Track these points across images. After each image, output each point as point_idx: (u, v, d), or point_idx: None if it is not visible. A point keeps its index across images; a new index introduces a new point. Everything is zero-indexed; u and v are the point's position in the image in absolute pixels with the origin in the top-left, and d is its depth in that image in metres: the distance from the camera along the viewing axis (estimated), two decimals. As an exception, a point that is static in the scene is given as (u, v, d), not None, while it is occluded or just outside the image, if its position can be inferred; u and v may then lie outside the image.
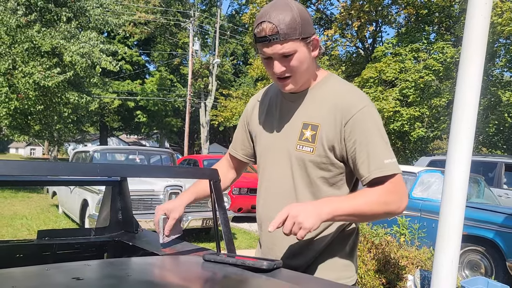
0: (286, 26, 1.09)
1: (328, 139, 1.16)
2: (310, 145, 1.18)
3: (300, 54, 1.13)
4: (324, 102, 1.19)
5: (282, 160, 1.24)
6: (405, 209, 1.15)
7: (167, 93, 30.25)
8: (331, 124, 1.16)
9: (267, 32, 1.10)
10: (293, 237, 1.08)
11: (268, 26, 1.09)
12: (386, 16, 15.91)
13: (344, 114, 1.14)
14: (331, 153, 1.17)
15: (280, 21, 1.09)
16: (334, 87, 1.21)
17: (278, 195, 1.24)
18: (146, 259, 1.16)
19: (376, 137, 1.13)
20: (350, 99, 1.17)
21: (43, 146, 42.80)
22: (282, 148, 1.24)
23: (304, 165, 1.19)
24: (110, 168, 1.07)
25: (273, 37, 1.09)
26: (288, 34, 1.09)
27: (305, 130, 1.20)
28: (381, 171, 1.11)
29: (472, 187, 5.48)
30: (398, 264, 3.66)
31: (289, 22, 1.09)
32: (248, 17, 16.74)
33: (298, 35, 1.11)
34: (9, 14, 9.14)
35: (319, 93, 1.22)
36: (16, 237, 5.53)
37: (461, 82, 2.08)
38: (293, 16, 1.10)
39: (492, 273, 4.33)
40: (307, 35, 1.13)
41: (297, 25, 1.10)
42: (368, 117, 1.14)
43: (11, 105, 9.66)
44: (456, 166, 2.06)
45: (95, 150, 6.83)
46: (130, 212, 1.71)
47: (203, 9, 30.02)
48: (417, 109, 12.99)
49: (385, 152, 1.13)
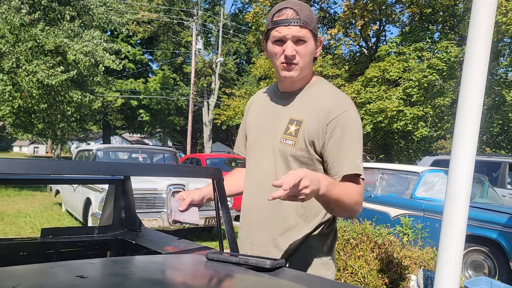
0: (306, 16, 1.20)
1: (309, 134, 1.24)
2: (292, 139, 1.26)
3: (309, 45, 1.23)
4: (312, 102, 1.28)
5: (266, 153, 1.31)
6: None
7: (170, 92, 30.29)
8: (314, 121, 1.24)
9: (289, 16, 1.19)
10: (271, 226, 1.22)
11: (291, 11, 1.19)
12: (390, 15, 15.84)
13: (330, 114, 1.23)
14: (311, 147, 1.24)
15: (302, 10, 1.20)
16: (323, 90, 1.31)
17: (260, 186, 1.30)
18: (150, 258, 1.16)
19: (354, 139, 1.22)
20: (337, 101, 1.26)
21: (46, 145, 42.96)
22: (269, 142, 1.31)
23: (286, 158, 1.26)
24: (114, 167, 1.08)
25: (294, 20, 1.19)
26: (307, 22, 1.20)
27: (290, 125, 1.28)
28: (355, 169, 1.20)
29: (476, 187, 5.45)
30: (401, 264, 3.65)
31: (308, 14, 1.21)
32: (251, 16, 16.70)
33: (313, 28, 1.22)
34: (13, 13, 9.17)
35: (309, 93, 1.31)
36: (20, 235, 5.56)
37: (465, 81, 2.06)
38: (311, 11, 1.23)
39: (495, 273, 4.31)
40: (316, 33, 1.25)
41: (313, 20, 1.22)
42: (351, 119, 1.23)
43: (14, 103, 9.70)
44: (459, 166, 2.05)
45: (98, 149, 6.85)
46: (133, 210, 1.71)
47: (206, 8, 30.01)
48: (420, 108, 12.93)
49: (359, 153, 1.23)
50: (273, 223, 1.28)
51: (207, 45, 30.60)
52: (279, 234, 1.27)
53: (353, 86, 13.83)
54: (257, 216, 1.31)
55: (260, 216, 1.30)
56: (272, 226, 1.28)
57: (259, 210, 1.30)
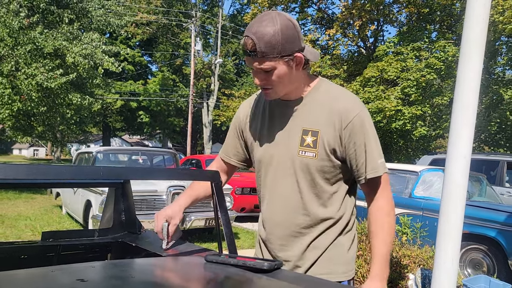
0: (265, 45, 1.11)
1: (329, 143, 1.23)
2: (312, 151, 1.24)
3: (279, 71, 1.17)
4: (321, 108, 1.26)
5: (284, 166, 1.28)
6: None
7: (170, 93, 30.31)
8: (330, 129, 1.23)
9: (248, 47, 1.13)
10: (288, 232, 1.26)
11: (249, 41, 1.13)
12: (388, 15, 15.87)
13: (343, 119, 1.22)
14: (333, 155, 1.24)
15: (260, 39, 1.11)
16: (327, 92, 1.28)
17: (283, 198, 1.29)
18: (150, 260, 1.18)
19: (372, 139, 1.24)
20: (346, 103, 1.24)
21: (46, 147, 42.95)
22: (283, 155, 1.28)
23: (308, 170, 1.25)
24: (114, 171, 1.10)
25: (252, 53, 1.14)
26: (266, 52, 1.12)
27: (305, 136, 1.25)
28: (376, 172, 1.23)
29: (474, 186, 5.47)
30: (400, 263, 3.67)
31: (268, 41, 1.11)
32: (249, 17, 16.73)
33: (277, 53, 1.13)
34: (11, 16, 9.19)
35: (314, 99, 1.28)
36: (20, 238, 5.58)
37: (460, 82, 2.09)
38: (274, 34, 1.11)
39: (494, 271, 4.33)
40: (287, 53, 1.14)
41: (277, 44, 1.11)
42: (364, 120, 1.24)
43: (14, 106, 9.71)
44: (456, 165, 2.07)
45: (98, 151, 6.87)
46: (133, 213, 1.73)
47: (205, 9, 30.03)
48: (419, 107, 12.96)
49: (378, 152, 1.25)
50: (294, 238, 1.30)
51: (206, 46, 30.62)
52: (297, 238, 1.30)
53: (352, 86, 13.85)
54: (279, 227, 1.31)
55: (282, 229, 1.31)
56: (289, 232, 1.30)
57: (281, 224, 1.31)
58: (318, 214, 1.27)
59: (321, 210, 1.27)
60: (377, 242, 1.24)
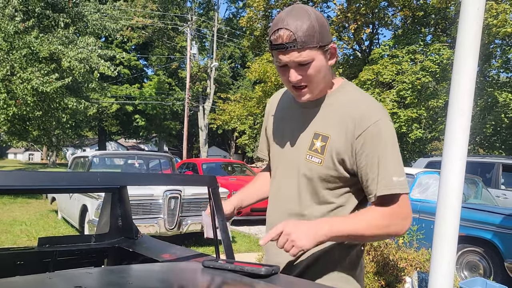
0: (304, 34, 1.05)
1: (338, 151, 1.13)
2: (319, 156, 1.16)
3: (317, 62, 1.10)
4: (337, 112, 1.16)
5: (290, 168, 1.22)
6: (408, 229, 1.14)
7: (166, 97, 30.31)
8: (341, 136, 1.13)
9: (284, 40, 1.06)
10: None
11: (286, 33, 1.05)
12: (383, 18, 15.99)
13: (357, 127, 1.11)
14: (340, 166, 1.14)
15: (298, 28, 1.05)
16: (349, 97, 1.18)
17: (283, 204, 1.24)
18: (147, 266, 1.18)
19: (388, 153, 1.11)
20: (364, 110, 1.13)
21: (41, 152, 42.74)
22: (292, 156, 1.22)
23: (311, 176, 1.17)
24: (111, 177, 1.10)
25: (291, 44, 1.06)
26: (306, 42, 1.05)
27: (315, 140, 1.17)
28: (388, 189, 1.09)
29: (470, 188, 5.50)
30: (397, 266, 3.68)
31: (307, 29, 1.05)
32: (245, 21, 16.79)
33: (316, 43, 1.07)
34: (7, 21, 9.16)
35: (333, 102, 1.18)
36: (16, 243, 5.54)
37: (455, 84, 2.10)
38: (311, 23, 1.06)
39: (490, 273, 4.35)
40: (325, 43, 1.09)
41: (315, 33, 1.06)
42: (382, 130, 1.11)
43: (9, 111, 9.66)
44: (451, 167, 2.08)
45: (94, 155, 6.84)
46: (130, 218, 1.72)
47: (201, 13, 30.11)
48: (414, 110, 13.04)
49: (395, 169, 1.10)
50: None
51: (202, 50, 30.68)
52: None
53: (348, 89, 13.90)
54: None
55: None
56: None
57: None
58: None
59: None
60: (356, 215, 1.14)
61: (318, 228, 1.07)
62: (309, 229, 1.06)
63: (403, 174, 1.11)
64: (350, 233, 1.09)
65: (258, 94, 17.65)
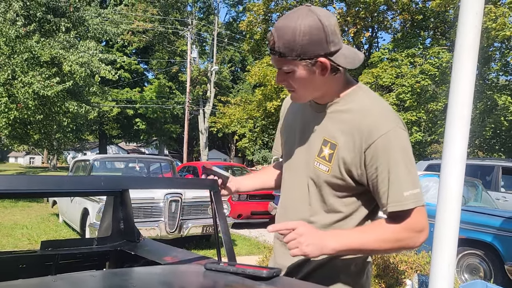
0: (283, 45, 1.02)
1: (346, 162, 1.09)
2: (326, 164, 1.12)
3: (299, 74, 1.06)
4: (347, 121, 1.10)
5: (299, 173, 1.20)
6: (424, 241, 1.09)
7: (166, 101, 30.37)
8: (349, 146, 1.09)
9: (271, 44, 1.06)
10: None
11: (271, 38, 1.05)
12: (382, 22, 16.05)
13: (365, 138, 1.06)
14: (348, 176, 1.10)
15: (280, 37, 1.02)
16: (360, 104, 1.11)
17: (293, 208, 1.22)
18: (150, 269, 1.19)
19: (399, 165, 1.04)
20: (374, 120, 1.07)
21: (42, 155, 42.74)
22: (302, 160, 1.20)
23: (319, 183, 1.14)
24: (114, 181, 1.11)
25: (273, 51, 1.06)
26: (284, 53, 1.03)
27: (324, 147, 1.13)
28: (399, 205, 1.04)
29: (470, 191, 5.50)
30: (398, 269, 3.68)
31: (287, 41, 1.01)
32: (245, 25, 16.85)
33: (296, 56, 1.02)
34: (8, 25, 9.21)
35: (343, 109, 1.12)
36: (17, 247, 5.54)
37: (454, 87, 2.12)
38: (294, 34, 1.00)
39: (491, 276, 4.35)
40: (307, 57, 1.02)
41: (296, 46, 1.01)
42: (392, 142, 1.04)
43: (10, 115, 9.69)
44: (451, 170, 2.09)
45: (95, 159, 6.85)
46: (131, 221, 1.73)
47: (201, 17, 30.24)
48: (414, 113, 13.07)
49: (407, 183, 1.05)
50: None
51: (202, 53, 30.77)
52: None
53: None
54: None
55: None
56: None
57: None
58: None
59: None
60: (366, 230, 1.11)
61: (329, 240, 1.05)
62: (320, 239, 1.04)
63: (417, 186, 1.06)
64: (359, 248, 1.08)
65: (258, 98, 17.68)
